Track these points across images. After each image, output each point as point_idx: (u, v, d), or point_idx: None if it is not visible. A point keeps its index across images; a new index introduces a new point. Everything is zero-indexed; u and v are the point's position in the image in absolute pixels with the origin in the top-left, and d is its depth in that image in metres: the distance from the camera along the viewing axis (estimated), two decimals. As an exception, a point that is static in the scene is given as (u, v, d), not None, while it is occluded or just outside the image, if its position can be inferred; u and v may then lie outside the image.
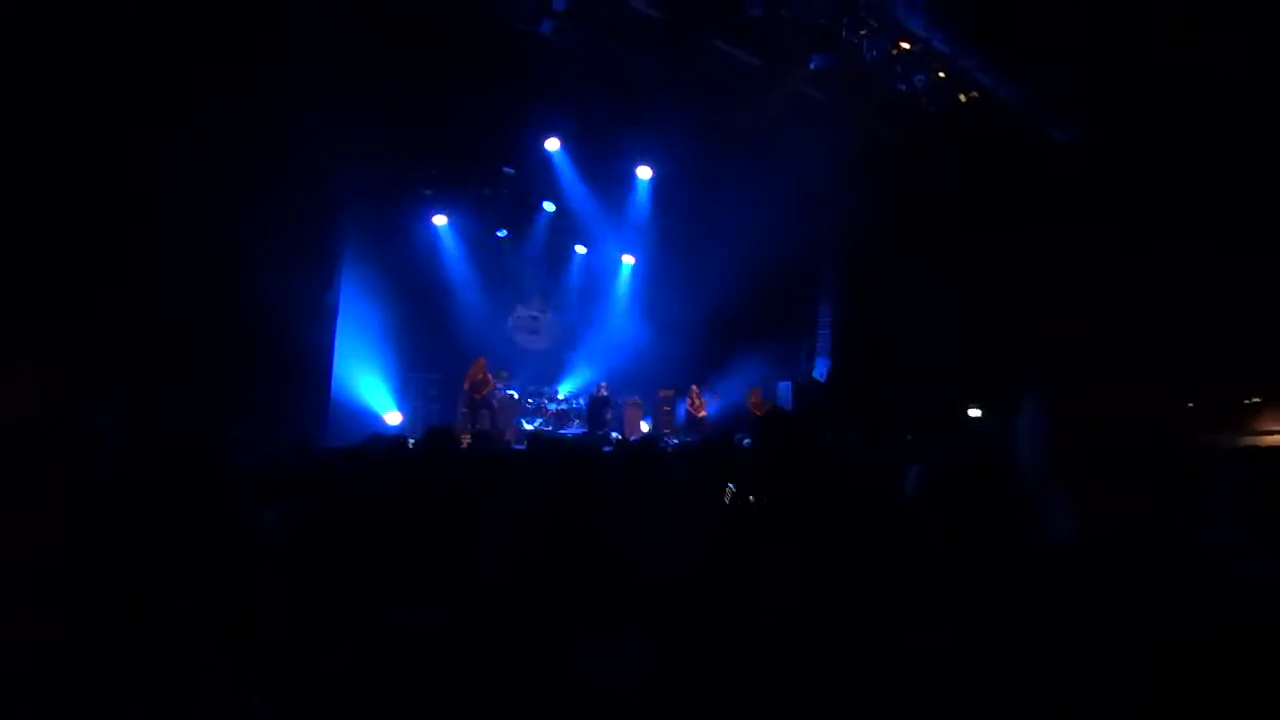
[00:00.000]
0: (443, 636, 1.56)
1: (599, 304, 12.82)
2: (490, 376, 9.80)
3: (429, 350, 10.55)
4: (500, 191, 10.88)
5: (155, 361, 5.44)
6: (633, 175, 11.05)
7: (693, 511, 1.92)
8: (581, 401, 11.69)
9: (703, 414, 10.88)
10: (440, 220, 10.94)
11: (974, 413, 11.44)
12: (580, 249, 12.65)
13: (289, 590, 0.73)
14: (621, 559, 1.59)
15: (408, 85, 8.33)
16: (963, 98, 8.67)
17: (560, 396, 11.83)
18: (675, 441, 8.65)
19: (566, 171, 10.72)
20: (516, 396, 11.08)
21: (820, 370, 11.43)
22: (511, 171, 10.51)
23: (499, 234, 11.54)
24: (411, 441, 4.43)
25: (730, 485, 1.72)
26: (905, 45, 8.02)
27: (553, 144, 10.09)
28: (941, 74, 8.30)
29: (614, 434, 10.04)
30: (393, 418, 9.55)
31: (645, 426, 11.55)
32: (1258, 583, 1.36)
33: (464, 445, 3.93)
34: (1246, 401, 9.34)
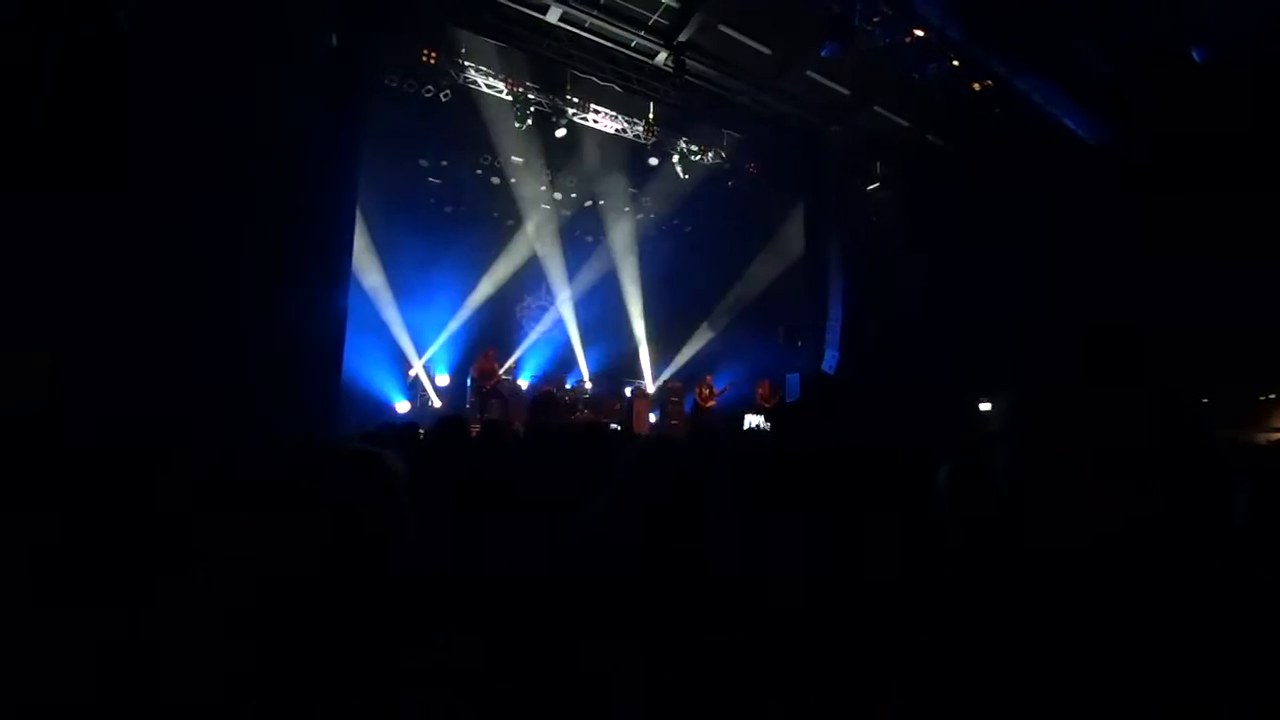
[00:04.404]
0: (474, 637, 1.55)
1: (608, 295, 12.80)
2: (498, 367, 9.84)
3: (437, 339, 10.63)
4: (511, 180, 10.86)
5: (162, 357, 5.46)
6: (641, 164, 10.99)
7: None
8: (589, 389, 11.70)
9: (710, 404, 10.77)
10: (448, 210, 10.96)
11: (984, 406, 11.36)
12: (589, 239, 12.65)
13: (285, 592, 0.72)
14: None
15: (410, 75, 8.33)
16: (976, 86, 8.53)
17: (568, 386, 11.86)
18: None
19: (571, 161, 10.68)
20: (526, 386, 11.10)
21: (829, 363, 11.37)
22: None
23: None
24: (422, 431, 4.46)
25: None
26: (919, 32, 7.89)
27: (560, 133, 10.05)
28: (955, 62, 8.16)
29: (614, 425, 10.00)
30: (402, 407, 9.62)
31: (653, 418, 11.54)
32: (1274, 581, 1.34)
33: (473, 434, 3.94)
34: (1262, 398, 9.21)
